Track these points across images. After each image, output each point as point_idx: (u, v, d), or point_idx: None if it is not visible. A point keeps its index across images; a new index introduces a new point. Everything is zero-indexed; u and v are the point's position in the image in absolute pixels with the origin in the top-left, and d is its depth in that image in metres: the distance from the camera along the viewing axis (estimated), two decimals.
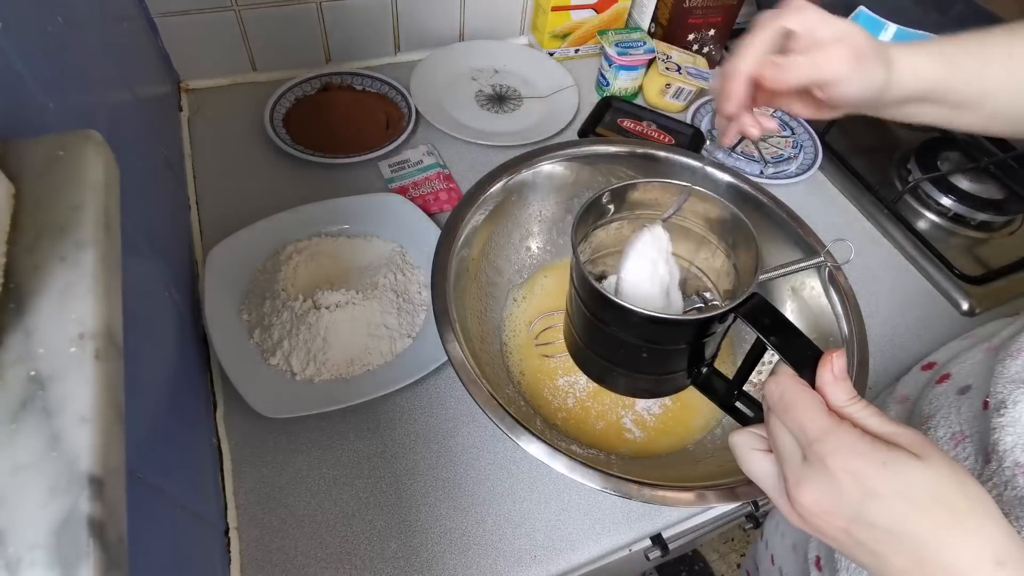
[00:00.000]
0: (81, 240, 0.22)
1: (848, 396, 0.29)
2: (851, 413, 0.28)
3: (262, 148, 0.71)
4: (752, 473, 0.32)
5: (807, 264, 0.51)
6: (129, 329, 0.23)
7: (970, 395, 0.43)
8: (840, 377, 0.29)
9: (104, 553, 0.17)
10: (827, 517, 0.27)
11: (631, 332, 0.40)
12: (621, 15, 0.89)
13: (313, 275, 0.59)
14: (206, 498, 0.44)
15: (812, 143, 0.81)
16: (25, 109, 0.29)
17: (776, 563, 0.59)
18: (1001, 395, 0.37)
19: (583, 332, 0.45)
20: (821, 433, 0.27)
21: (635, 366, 0.44)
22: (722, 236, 0.45)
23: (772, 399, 0.30)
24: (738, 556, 1.33)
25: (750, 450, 0.32)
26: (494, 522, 0.49)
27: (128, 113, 0.50)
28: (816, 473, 0.27)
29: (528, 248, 0.61)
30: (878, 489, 0.26)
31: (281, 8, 0.74)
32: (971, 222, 0.75)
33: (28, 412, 0.19)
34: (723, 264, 0.46)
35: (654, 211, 0.47)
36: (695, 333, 0.40)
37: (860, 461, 0.26)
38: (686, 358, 0.42)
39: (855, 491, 0.26)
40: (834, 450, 0.27)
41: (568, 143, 0.60)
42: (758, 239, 0.41)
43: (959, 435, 0.42)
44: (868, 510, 0.26)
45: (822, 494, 0.27)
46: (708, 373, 0.43)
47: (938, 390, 0.47)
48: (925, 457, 0.26)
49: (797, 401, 0.29)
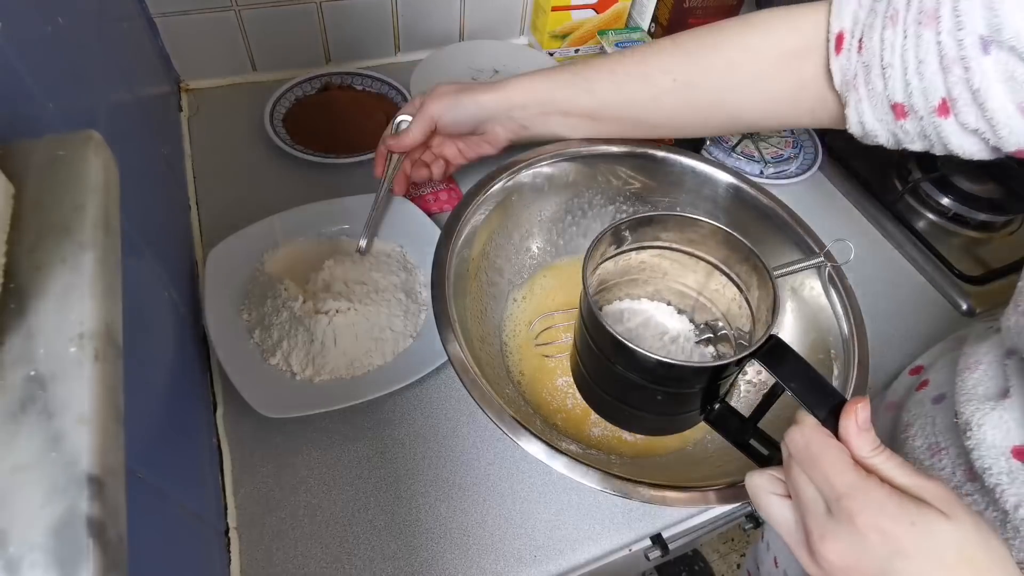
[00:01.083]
0: (81, 241, 0.22)
1: (872, 447, 0.29)
2: (876, 465, 0.28)
3: (262, 148, 0.71)
4: (771, 519, 0.32)
5: (807, 264, 0.51)
6: (129, 329, 0.23)
7: (943, 405, 0.43)
8: (864, 428, 0.29)
9: (104, 553, 0.17)
10: (851, 572, 0.27)
11: (644, 376, 0.40)
12: (621, 15, 0.89)
13: (313, 275, 0.59)
14: (206, 498, 0.44)
15: (812, 143, 0.81)
16: (25, 109, 0.29)
17: (780, 566, 0.59)
18: (965, 414, 0.37)
19: (592, 370, 0.44)
20: (849, 489, 0.27)
21: (648, 407, 0.43)
22: (733, 269, 0.45)
23: (796, 449, 0.30)
24: (738, 556, 1.33)
25: (768, 495, 0.32)
26: (494, 522, 0.49)
27: (128, 113, 0.50)
28: (843, 529, 0.27)
29: (528, 248, 0.61)
30: (906, 548, 0.26)
31: (281, 8, 0.74)
32: (971, 222, 0.75)
33: (28, 412, 0.19)
34: (735, 297, 0.46)
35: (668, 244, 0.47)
36: (710, 377, 0.39)
37: (889, 521, 0.26)
38: (700, 399, 0.41)
39: (882, 549, 0.26)
40: (863, 508, 0.27)
41: (568, 143, 0.60)
42: (775, 280, 0.40)
43: (935, 447, 0.41)
44: (895, 568, 0.26)
45: (848, 550, 0.27)
46: (721, 410, 0.42)
47: (917, 397, 0.46)
48: (952, 515, 0.26)
49: (823, 454, 0.29)
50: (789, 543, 0.30)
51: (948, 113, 0.36)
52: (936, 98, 0.36)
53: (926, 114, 0.37)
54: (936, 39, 0.35)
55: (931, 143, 0.39)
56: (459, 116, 0.55)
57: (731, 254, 0.44)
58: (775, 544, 0.61)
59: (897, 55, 0.37)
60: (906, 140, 0.40)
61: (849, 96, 0.41)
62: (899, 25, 0.36)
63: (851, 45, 0.40)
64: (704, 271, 0.47)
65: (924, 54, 0.35)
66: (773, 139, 0.81)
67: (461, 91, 0.54)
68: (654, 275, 0.50)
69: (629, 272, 0.50)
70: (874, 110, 0.40)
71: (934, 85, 0.36)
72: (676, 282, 0.50)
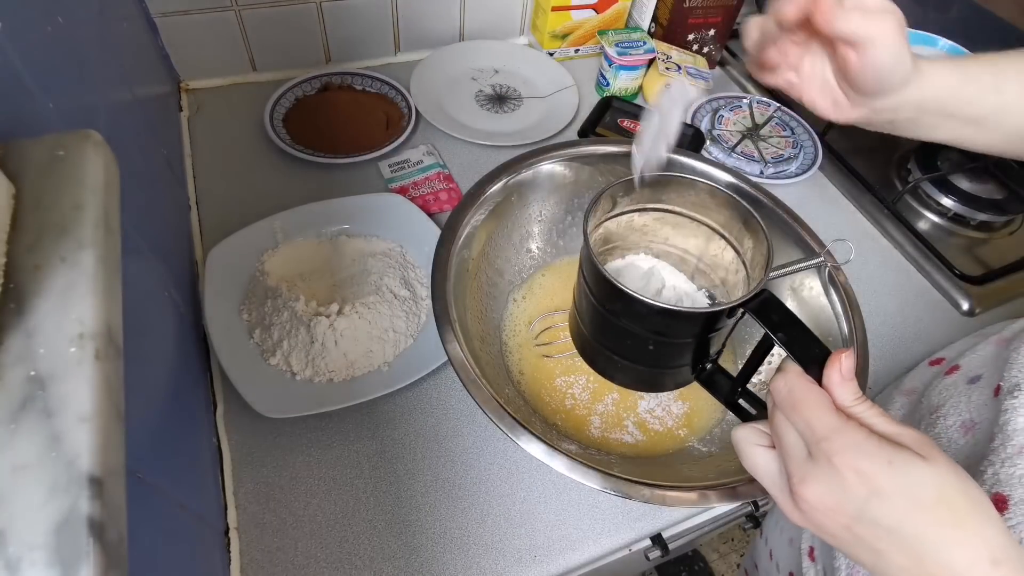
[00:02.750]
0: (81, 240, 0.22)
1: (854, 396, 0.29)
2: (857, 413, 0.28)
3: (262, 148, 0.71)
4: (754, 468, 0.32)
5: (807, 264, 0.51)
6: (129, 329, 0.23)
7: (980, 384, 0.43)
8: (848, 377, 0.29)
9: (104, 553, 0.17)
10: (830, 514, 0.27)
11: (637, 322, 0.40)
12: (621, 15, 0.89)
13: (313, 275, 0.59)
14: (206, 498, 0.44)
15: (812, 143, 0.81)
16: (25, 109, 0.29)
17: (774, 558, 0.59)
18: (1016, 379, 0.38)
19: (589, 321, 0.45)
20: (828, 431, 0.27)
21: (640, 358, 0.43)
22: (731, 231, 0.45)
23: (779, 395, 0.30)
24: (738, 556, 1.33)
25: (753, 445, 0.32)
26: (494, 522, 0.49)
27: (128, 113, 0.50)
28: (821, 471, 0.27)
29: (528, 248, 0.61)
30: (883, 488, 0.26)
31: (281, 8, 0.74)
32: (971, 222, 0.75)
33: (28, 412, 0.19)
34: (732, 260, 0.46)
35: (670, 207, 0.47)
36: (702, 327, 0.39)
37: (867, 460, 0.26)
38: (691, 352, 0.42)
39: (860, 489, 0.26)
40: (841, 448, 0.27)
41: (568, 143, 0.60)
42: (769, 235, 0.40)
43: (968, 423, 0.42)
44: (872, 508, 0.26)
45: (826, 491, 0.27)
46: (712, 369, 0.43)
47: (947, 381, 0.47)
48: (929, 458, 0.26)
49: (805, 398, 0.29)
50: (772, 493, 0.31)
51: None
52: None
53: None
54: None
55: None
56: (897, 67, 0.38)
57: (730, 218, 0.44)
58: (771, 538, 0.61)
59: None
60: None
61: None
62: None
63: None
64: (704, 235, 0.47)
65: None
66: (773, 139, 0.81)
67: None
68: (655, 239, 0.51)
69: (631, 234, 0.50)
70: None
71: None
72: (676, 247, 0.50)
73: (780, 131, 0.82)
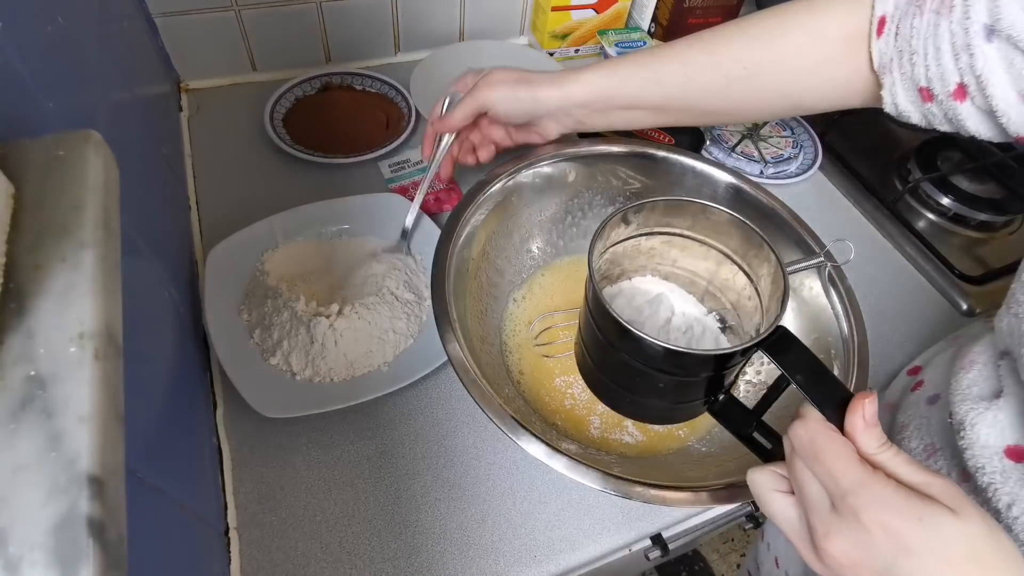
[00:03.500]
0: (81, 240, 0.22)
1: (879, 443, 0.28)
2: (882, 461, 0.28)
3: (262, 148, 0.71)
4: (773, 515, 0.31)
5: (807, 264, 0.51)
6: (129, 329, 0.23)
7: (938, 406, 0.43)
8: (871, 423, 0.28)
9: (104, 553, 0.17)
10: (856, 569, 0.27)
11: (648, 362, 0.39)
12: (621, 15, 0.89)
13: (313, 275, 0.59)
14: (206, 498, 0.44)
15: (812, 143, 0.81)
16: (25, 109, 0.29)
17: (781, 566, 0.59)
18: (959, 414, 0.37)
19: (596, 356, 0.44)
20: (855, 485, 0.27)
21: (650, 394, 0.42)
22: (744, 258, 0.44)
23: (799, 443, 0.29)
24: (738, 556, 1.33)
25: (771, 491, 0.31)
26: (494, 522, 0.49)
27: (128, 113, 0.49)
28: (847, 525, 0.27)
29: (528, 248, 0.61)
30: (912, 545, 0.25)
31: (281, 8, 0.74)
32: (971, 222, 0.75)
33: (28, 412, 0.19)
34: (745, 287, 0.45)
35: (679, 231, 0.46)
36: (715, 365, 0.38)
37: (896, 517, 0.26)
38: (704, 388, 0.40)
39: (888, 546, 0.26)
40: (869, 504, 0.26)
41: (568, 143, 0.60)
42: (785, 270, 0.39)
43: (930, 447, 0.41)
44: (900, 566, 0.26)
45: (852, 546, 0.27)
46: (725, 400, 0.42)
47: (912, 398, 0.46)
48: (960, 511, 0.25)
49: (828, 449, 0.28)
50: (793, 541, 0.30)
51: (964, 98, 0.38)
52: (952, 83, 0.38)
53: (944, 98, 0.39)
54: (949, 27, 0.37)
55: (954, 126, 0.40)
56: (514, 109, 0.53)
57: (743, 243, 0.44)
58: (776, 544, 0.61)
59: (920, 41, 0.38)
60: (935, 122, 0.41)
61: (885, 78, 0.42)
62: (924, 14, 0.38)
63: (890, 30, 0.41)
64: (715, 260, 0.47)
65: (940, 41, 0.37)
66: (773, 139, 0.81)
67: (519, 82, 0.53)
68: (663, 262, 0.50)
69: (638, 257, 0.49)
70: (906, 92, 0.41)
71: (948, 71, 0.37)
72: (685, 269, 0.50)
73: (780, 131, 0.82)
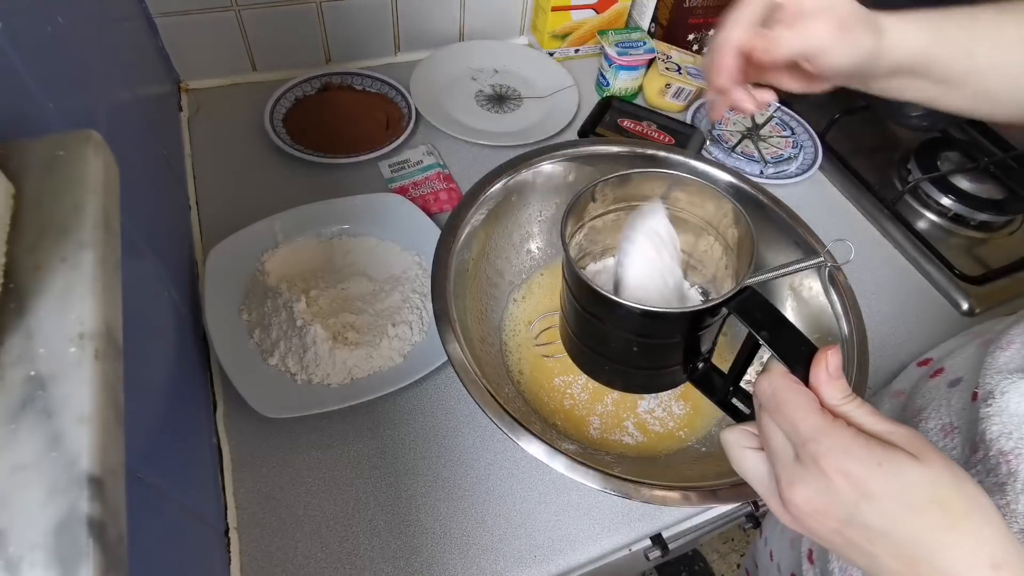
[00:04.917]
0: (81, 240, 0.22)
1: (843, 394, 0.28)
2: (845, 412, 0.28)
3: (262, 148, 0.71)
4: (743, 471, 0.31)
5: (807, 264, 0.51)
6: (129, 329, 0.23)
7: (960, 387, 0.43)
8: (835, 375, 0.28)
9: (104, 553, 0.17)
10: (820, 517, 0.27)
11: (619, 325, 0.39)
12: (621, 15, 0.89)
13: (313, 275, 0.59)
14: (206, 498, 0.44)
15: (812, 143, 0.81)
16: (25, 109, 0.29)
17: (774, 559, 0.59)
18: (989, 385, 0.37)
19: (575, 325, 0.44)
20: (814, 432, 0.27)
21: (627, 360, 0.43)
22: (720, 228, 0.45)
23: (763, 397, 0.29)
24: (738, 556, 1.33)
25: (741, 448, 0.31)
26: (494, 522, 0.49)
27: (128, 113, 0.49)
28: (809, 473, 0.27)
29: (528, 248, 0.61)
30: (873, 490, 0.25)
31: (281, 8, 0.74)
32: (971, 222, 0.75)
33: (28, 412, 0.19)
34: (721, 257, 0.46)
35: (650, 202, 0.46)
36: (686, 327, 0.39)
37: (855, 462, 0.26)
38: (680, 353, 0.41)
39: (849, 492, 0.25)
40: (828, 450, 0.26)
41: (568, 143, 0.60)
42: (754, 232, 0.40)
43: (948, 427, 0.42)
44: (862, 512, 0.25)
45: (815, 494, 0.26)
46: (705, 369, 0.42)
47: (931, 384, 0.47)
48: (922, 457, 0.25)
49: (789, 399, 0.28)
50: (763, 495, 0.30)
51: None
52: None
53: None
54: None
55: None
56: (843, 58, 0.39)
57: (716, 212, 0.44)
58: (771, 538, 0.61)
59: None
60: None
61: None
62: None
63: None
64: (693, 231, 0.47)
65: None
66: (773, 139, 0.81)
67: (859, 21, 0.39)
68: None
69: (618, 232, 0.49)
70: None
71: None
72: None
73: (780, 131, 0.82)
